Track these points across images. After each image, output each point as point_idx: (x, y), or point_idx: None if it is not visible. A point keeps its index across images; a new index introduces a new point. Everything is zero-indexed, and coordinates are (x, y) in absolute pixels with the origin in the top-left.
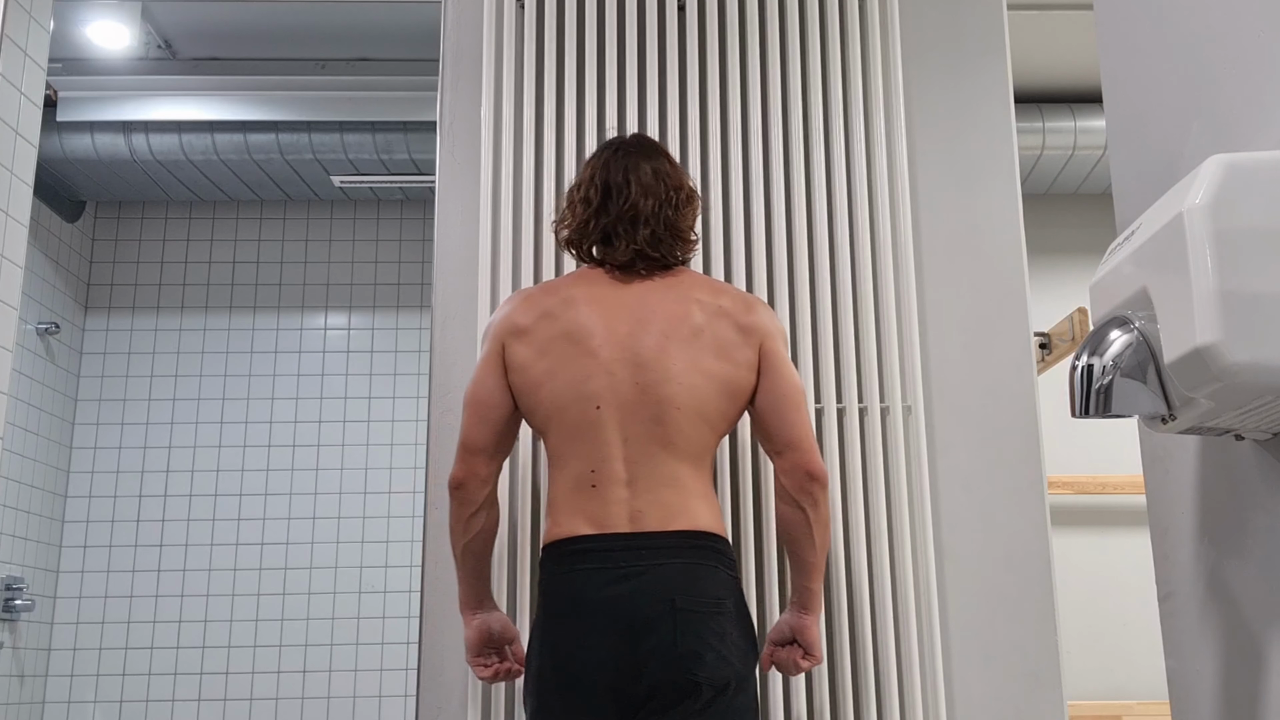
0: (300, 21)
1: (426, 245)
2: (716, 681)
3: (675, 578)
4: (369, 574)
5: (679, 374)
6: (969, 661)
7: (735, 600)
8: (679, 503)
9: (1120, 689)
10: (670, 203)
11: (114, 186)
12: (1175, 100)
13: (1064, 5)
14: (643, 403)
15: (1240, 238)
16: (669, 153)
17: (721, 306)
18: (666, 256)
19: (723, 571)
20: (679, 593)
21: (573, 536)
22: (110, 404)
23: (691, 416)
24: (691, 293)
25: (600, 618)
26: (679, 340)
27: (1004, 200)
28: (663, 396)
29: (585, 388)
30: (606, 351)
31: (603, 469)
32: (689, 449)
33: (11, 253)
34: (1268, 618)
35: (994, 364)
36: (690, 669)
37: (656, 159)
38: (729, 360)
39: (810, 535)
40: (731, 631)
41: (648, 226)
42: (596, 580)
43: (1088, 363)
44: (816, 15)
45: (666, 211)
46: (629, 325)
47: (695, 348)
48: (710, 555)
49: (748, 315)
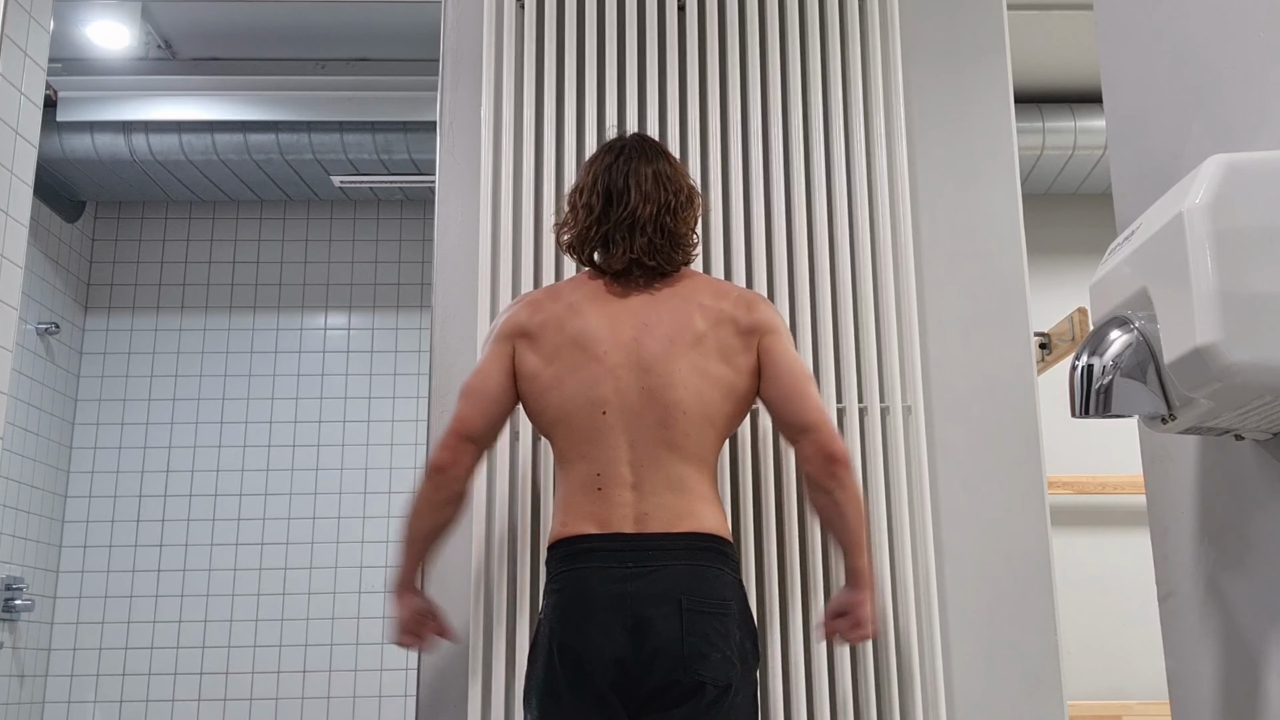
0: (300, 21)
1: (426, 245)
2: (720, 682)
3: (682, 578)
4: (369, 574)
5: (684, 379)
6: (969, 661)
7: (739, 602)
8: (685, 505)
9: (1120, 689)
10: (669, 208)
11: (114, 186)
12: (1175, 100)
13: (1064, 5)
14: (649, 407)
15: (1240, 238)
16: (670, 153)
17: (724, 310)
18: (663, 264)
19: (728, 574)
20: (685, 593)
21: (579, 535)
22: (110, 404)
23: (697, 420)
24: (695, 297)
25: (607, 615)
26: (683, 345)
27: (1004, 200)
28: (669, 401)
29: (592, 393)
30: (613, 357)
31: (609, 472)
32: (694, 452)
33: (11, 253)
34: (1268, 618)
35: (994, 364)
36: (695, 669)
37: (658, 161)
38: (731, 365)
39: (843, 516)
40: (735, 633)
41: (644, 234)
42: (603, 578)
43: (1088, 363)
44: (816, 15)
45: (665, 218)
46: (633, 330)
47: (699, 352)
48: (716, 558)
49: (749, 315)
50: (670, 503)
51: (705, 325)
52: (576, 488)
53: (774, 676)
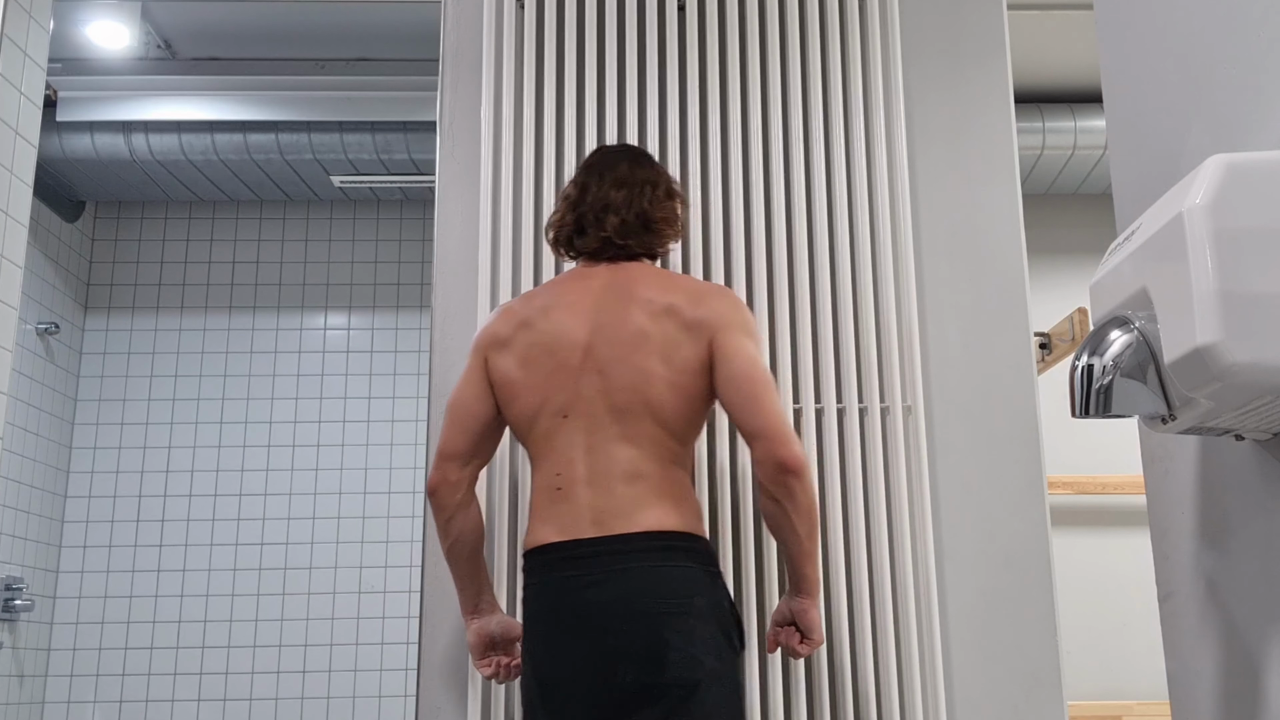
0: (300, 21)
1: (426, 245)
2: (684, 682)
3: (637, 580)
4: (369, 574)
5: (630, 382)
6: (969, 661)
7: (707, 597)
8: (642, 503)
9: (1120, 689)
10: (643, 195)
11: (114, 186)
12: (1175, 100)
13: (1064, 5)
14: (603, 407)
15: (1240, 238)
16: (657, 162)
17: (670, 304)
18: (634, 246)
19: (693, 569)
20: (640, 595)
21: (544, 545)
22: (110, 404)
23: (645, 418)
24: (645, 293)
25: (573, 625)
26: (630, 344)
27: (1004, 200)
28: (618, 401)
29: (555, 396)
30: (573, 359)
31: (568, 473)
32: (650, 450)
33: (11, 253)
34: (1268, 618)
35: (994, 364)
36: (654, 671)
37: (637, 160)
38: (671, 361)
39: (792, 527)
40: (702, 629)
41: (617, 215)
42: (565, 589)
43: (1088, 363)
44: (816, 15)
45: (640, 204)
46: (590, 332)
47: (643, 354)
48: (676, 554)
49: (695, 309)
50: (627, 502)
51: (649, 321)
52: (541, 490)
53: (774, 676)
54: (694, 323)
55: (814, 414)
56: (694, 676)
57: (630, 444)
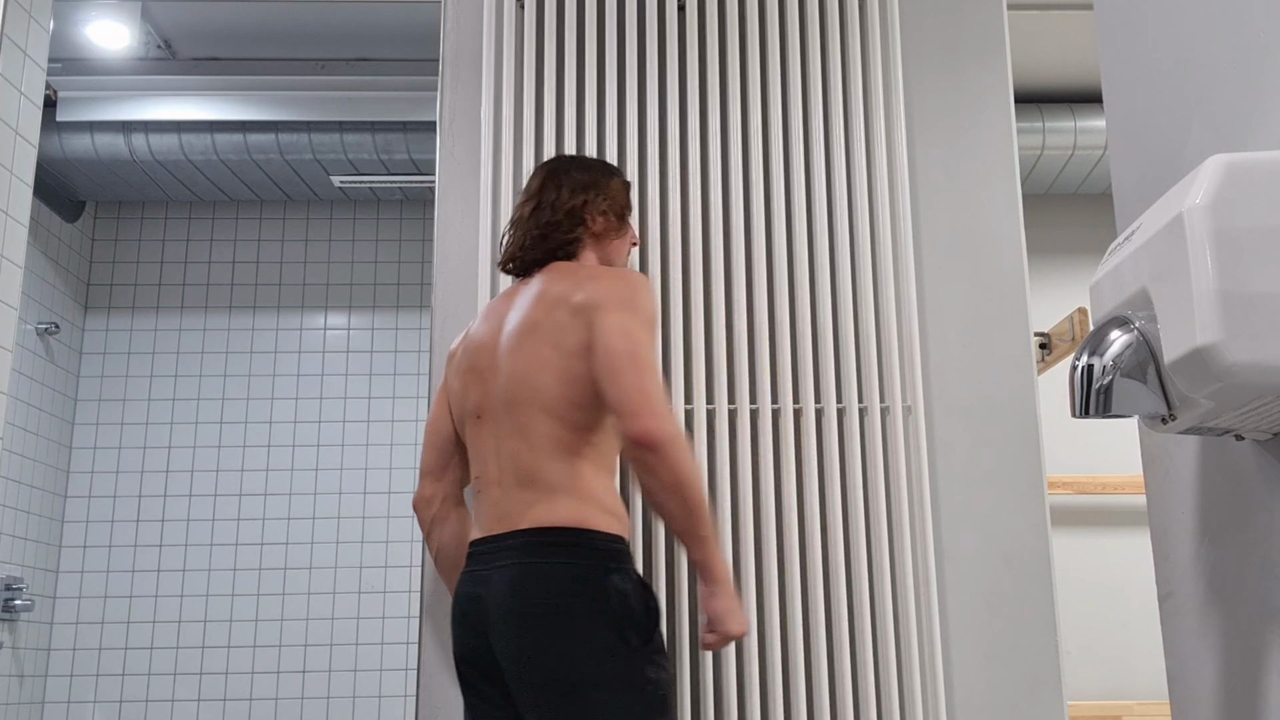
0: (300, 21)
1: (426, 245)
2: (560, 681)
3: (513, 579)
4: (369, 574)
5: (522, 372)
6: (969, 661)
7: (590, 596)
8: (534, 500)
9: (1120, 689)
10: (546, 201)
11: (114, 186)
12: (1175, 100)
13: (1064, 5)
14: (503, 405)
15: (1240, 238)
16: (589, 162)
17: (561, 293)
18: (540, 254)
19: (577, 567)
20: (511, 595)
21: (470, 542)
22: (110, 404)
23: (535, 411)
24: (548, 289)
25: (462, 619)
26: (523, 338)
27: (1004, 200)
28: (512, 397)
29: (470, 398)
30: (484, 361)
31: (483, 474)
32: (544, 444)
33: (11, 253)
34: (1268, 618)
35: (994, 364)
36: (527, 669)
37: (562, 167)
38: (559, 347)
39: (661, 505)
40: (582, 629)
41: (521, 229)
42: (463, 584)
43: (1088, 363)
44: (816, 15)
45: (543, 215)
46: (496, 334)
47: (534, 341)
48: (558, 551)
49: (580, 293)
50: (521, 498)
51: (543, 313)
52: (473, 492)
53: (774, 676)
54: (579, 306)
55: (814, 414)
56: (568, 678)
57: (522, 439)
